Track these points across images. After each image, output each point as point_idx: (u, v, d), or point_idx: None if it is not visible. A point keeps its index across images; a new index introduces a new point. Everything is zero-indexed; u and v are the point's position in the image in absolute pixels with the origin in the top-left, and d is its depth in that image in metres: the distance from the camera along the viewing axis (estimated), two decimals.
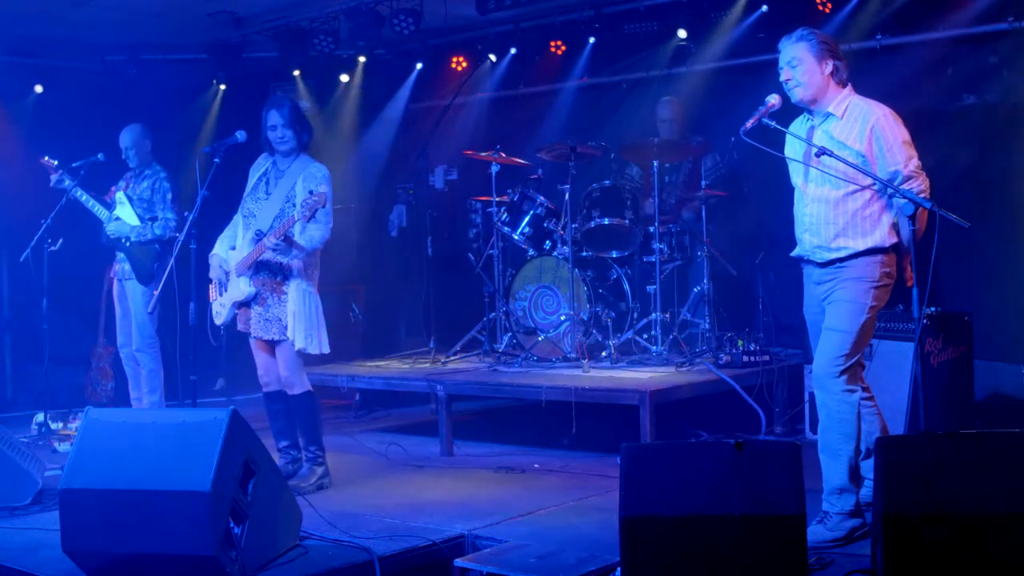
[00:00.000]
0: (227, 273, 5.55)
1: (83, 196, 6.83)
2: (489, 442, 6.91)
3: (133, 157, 6.83)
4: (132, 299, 6.75)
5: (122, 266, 6.78)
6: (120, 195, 6.83)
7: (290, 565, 4.24)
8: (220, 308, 5.57)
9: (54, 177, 6.85)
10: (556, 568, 4.10)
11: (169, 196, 6.75)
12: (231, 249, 5.59)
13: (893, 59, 7.10)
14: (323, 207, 5.20)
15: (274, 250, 5.37)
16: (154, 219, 6.72)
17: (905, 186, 4.24)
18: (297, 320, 5.44)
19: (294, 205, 5.39)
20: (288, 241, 5.30)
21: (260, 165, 5.70)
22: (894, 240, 4.37)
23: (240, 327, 5.60)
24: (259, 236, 5.40)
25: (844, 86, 4.46)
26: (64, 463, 4.15)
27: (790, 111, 4.56)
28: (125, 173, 6.92)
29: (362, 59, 9.21)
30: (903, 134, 4.37)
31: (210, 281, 5.63)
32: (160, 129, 7.17)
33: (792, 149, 4.60)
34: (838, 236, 4.38)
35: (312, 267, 5.55)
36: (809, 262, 4.53)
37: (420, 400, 8.05)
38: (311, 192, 5.23)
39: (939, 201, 4.11)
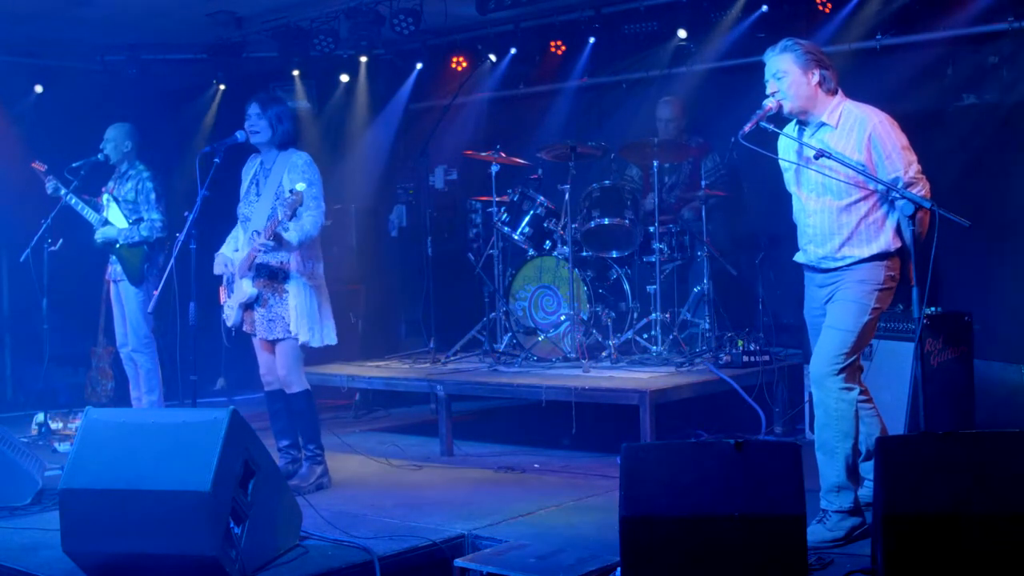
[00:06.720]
0: (233, 274, 5.55)
1: (75, 202, 6.82)
2: (489, 442, 6.91)
3: (111, 152, 6.81)
4: (126, 300, 6.76)
5: (115, 268, 6.80)
6: (106, 197, 6.83)
7: (290, 565, 4.24)
8: (229, 310, 5.58)
9: (49, 185, 6.86)
10: (556, 568, 4.10)
11: (153, 196, 6.74)
12: (235, 251, 5.60)
13: (893, 59, 7.10)
14: (301, 204, 5.16)
15: (266, 251, 5.37)
16: (140, 220, 6.72)
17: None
18: (299, 315, 5.45)
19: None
20: (278, 240, 5.29)
21: (250, 167, 5.70)
22: (899, 244, 4.33)
23: (246, 328, 5.60)
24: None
25: (834, 94, 4.37)
26: (64, 463, 4.16)
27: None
28: (113, 173, 6.92)
29: (362, 59, 9.20)
30: (901, 139, 4.31)
31: (217, 281, 5.64)
32: (160, 129, 7.18)
33: (786, 152, 4.54)
34: (843, 246, 4.35)
35: (313, 260, 5.54)
36: (813, 269, 4.51)
37: (420, 400, 8.05)
38: (290, 191, 5.22)
39: (939, 201, 4.10)
